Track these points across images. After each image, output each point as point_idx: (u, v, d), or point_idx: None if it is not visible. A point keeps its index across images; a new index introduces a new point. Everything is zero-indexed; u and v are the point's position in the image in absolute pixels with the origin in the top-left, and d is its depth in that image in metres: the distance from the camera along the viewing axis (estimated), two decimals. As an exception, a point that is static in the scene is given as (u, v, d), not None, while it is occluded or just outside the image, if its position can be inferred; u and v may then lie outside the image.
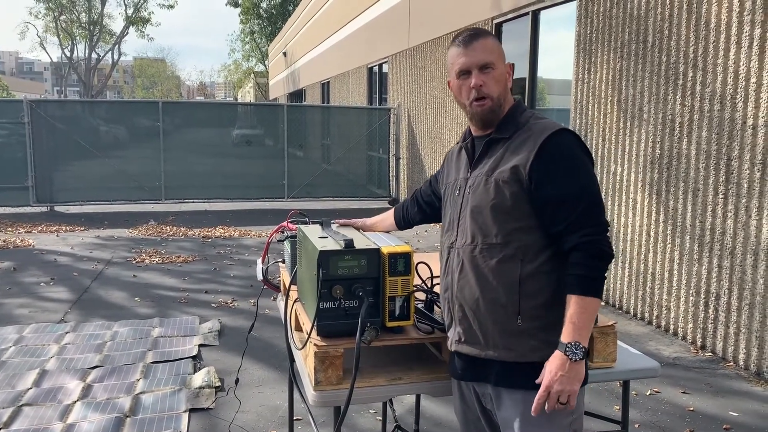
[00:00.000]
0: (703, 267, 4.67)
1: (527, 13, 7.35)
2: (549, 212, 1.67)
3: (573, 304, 1.62)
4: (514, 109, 1.79)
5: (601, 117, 5.80)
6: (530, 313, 1.68)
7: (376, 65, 14.24)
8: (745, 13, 4.25)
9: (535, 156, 1.66)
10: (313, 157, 13.62)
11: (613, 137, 5.65)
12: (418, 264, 2.26)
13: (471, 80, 1.74)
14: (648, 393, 3.98)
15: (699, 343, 4.72)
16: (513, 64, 1.82)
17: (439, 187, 2.07)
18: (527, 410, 1.67)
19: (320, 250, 1.80)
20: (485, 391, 1.79)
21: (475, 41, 1.75)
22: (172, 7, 46.39)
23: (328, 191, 12.29)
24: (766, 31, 4.10)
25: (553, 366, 1.62)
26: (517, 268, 1.68)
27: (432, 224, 10.11)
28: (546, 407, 1.62)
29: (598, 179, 5.93)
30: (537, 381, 1.65)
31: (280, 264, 2.66)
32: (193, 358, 4.38)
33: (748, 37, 4.23)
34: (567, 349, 1.60)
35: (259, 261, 2.71)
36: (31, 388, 3.83)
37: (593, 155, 3.73)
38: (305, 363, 1.95)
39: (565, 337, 1.61)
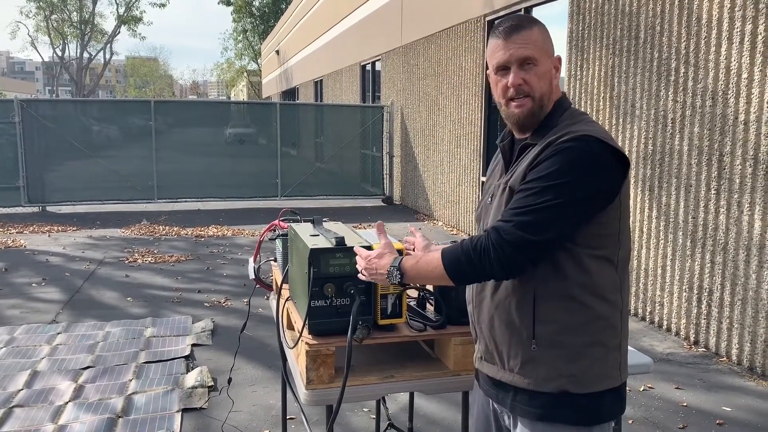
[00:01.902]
0: (696, 263, 4.68)
1: (519, 10, 7.35)
2: None
3: (436, 252, 1.57)
4: (556, 108, 1.59)
5: (594, 113, 5.80)
6: (546, 339, 1.52)
7: (369, 63, 14.21)
8: (736, 9, 4.25)
9: (542, 157, 1.49)
10: (307, 156, 13.60)
11: (606, 134, 5.66)
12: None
13: (509, 77, 1.56)
14: (641, 389, 3.99)
15: (692, 339, 4.73)
16: (560, 57, 1.61)
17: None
18: None
19: (311, 249, 1.79)
20: (504, 409, 1.68)
21: (517, 33, 1.55)
22: (163, 5, 46.16)
23: (322, 190, 12.24)
24: (757, 26, 4.11)
25: (383, 259, 1.66)
26: (531, 290, 1.52)
27: (424, 221, 10.13)
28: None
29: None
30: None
31: (272, 263, 2.64)
32: (186, 357, 4.36)
33: (739, 33, 4.23)
34: (394, 268, 1.62)
35: (251, 260, 2.69)
36: (22, 390, 3.80)
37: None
38: (297, 362, 1.93)
39: (406, 260, 1.62)
